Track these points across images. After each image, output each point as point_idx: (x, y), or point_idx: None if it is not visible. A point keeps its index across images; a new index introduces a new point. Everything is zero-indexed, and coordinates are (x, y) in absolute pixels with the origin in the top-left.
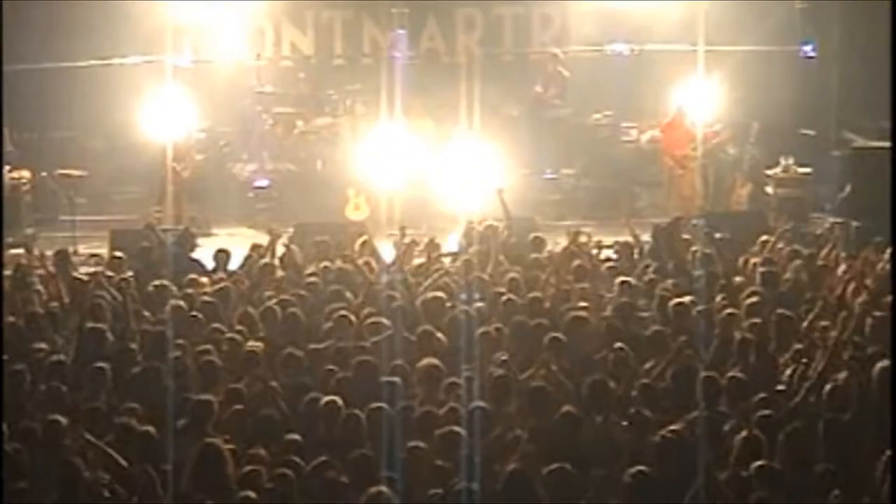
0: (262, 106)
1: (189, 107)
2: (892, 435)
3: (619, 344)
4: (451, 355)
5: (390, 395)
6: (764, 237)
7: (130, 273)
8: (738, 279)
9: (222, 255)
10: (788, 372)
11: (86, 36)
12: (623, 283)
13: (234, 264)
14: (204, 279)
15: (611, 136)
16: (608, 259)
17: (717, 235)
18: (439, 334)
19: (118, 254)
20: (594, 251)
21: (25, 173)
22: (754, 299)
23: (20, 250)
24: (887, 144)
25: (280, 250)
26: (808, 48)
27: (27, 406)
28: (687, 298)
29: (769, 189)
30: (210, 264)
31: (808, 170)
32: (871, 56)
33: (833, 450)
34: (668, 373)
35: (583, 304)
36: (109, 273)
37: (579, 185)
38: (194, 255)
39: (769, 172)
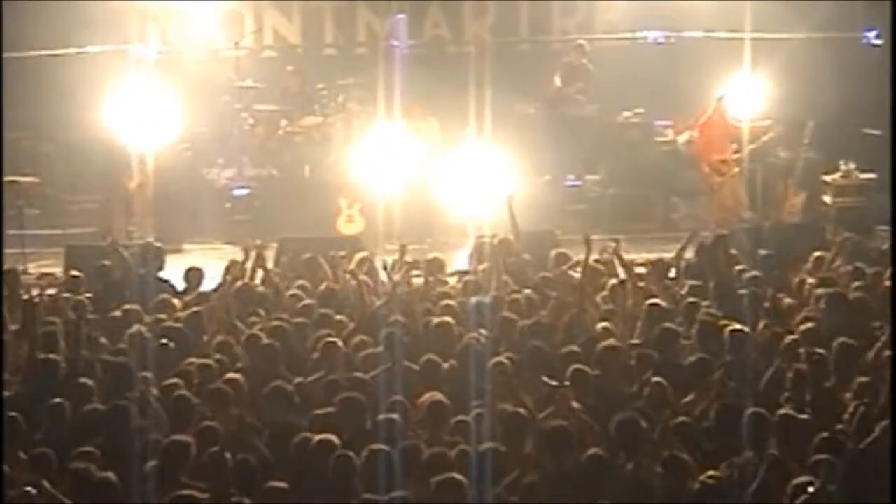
0: (242, 103)
1: (157, 104)
2: (893, 435)
3: (653, 376)
4: (458, 390)
5: (389, 435)
6: (820, 253)
7: (89, 295)
8: (790, 302)
9: (195, 275)
10: (850, 410)
11: (35, 22)
12: (655, 305)
13: (208, 285)
14: (174, 302)
15: (642, 137)
16: (639, 278)
17: (765, 252)
18: (445, 365)
19: (74, 273)
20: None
21: None
22: (810, 325)
23: None
24: None
25: (262, 269)
26: (871, 35)
27: None
28: (732, 324)
29: (826, 198)
30: (181, 285)
31: (871, 175)
32: None
33: None
34: (710, 410)
35: (606, 325)
36: (65, 295)
37: (606, 194)
38: (162, 274)
39: (826, 178)
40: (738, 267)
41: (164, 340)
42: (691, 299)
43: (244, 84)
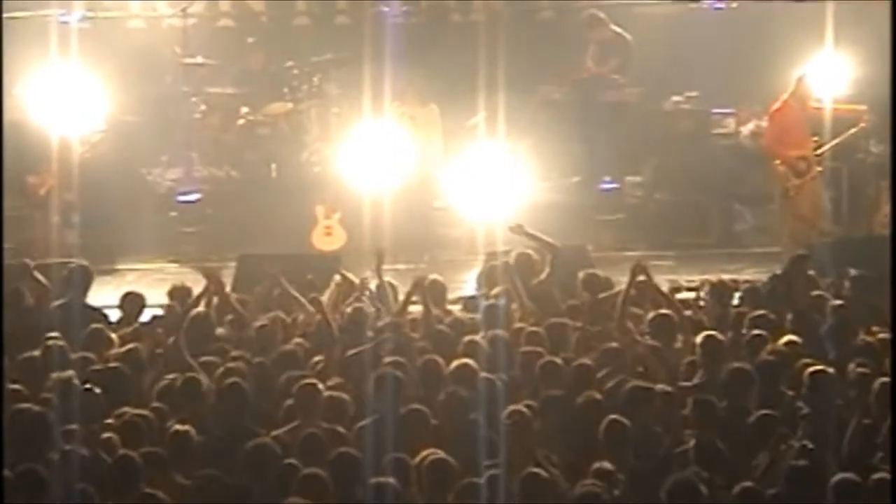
0: (190, 85)
1: (82, 86)
2: (893, 436)
3: (710, 429)
4: (464, 445)
5: (380, 502)
6: None
7: None
8: (884, 336)
9: (133, 302)
10: None
11: None
12: (712, 338)
13: (149, 314)
14: (108, 335)
15: (696, 129)
16: (694, 305)
17: (854, 273)
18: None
19: None
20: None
21: None
22: None
23: None
24: None
25: (217, 294)
26: None
27: None
28: (812, 364)
29: None
30: (115, 314)
31: None
32: None
33: None
34: (781, 473)
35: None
36: None
37: (650, 200)
38: (91, 300)
39: None
40: (819, 292)
41: (91, 386)
42: (757, 332)
43: (193, 61)
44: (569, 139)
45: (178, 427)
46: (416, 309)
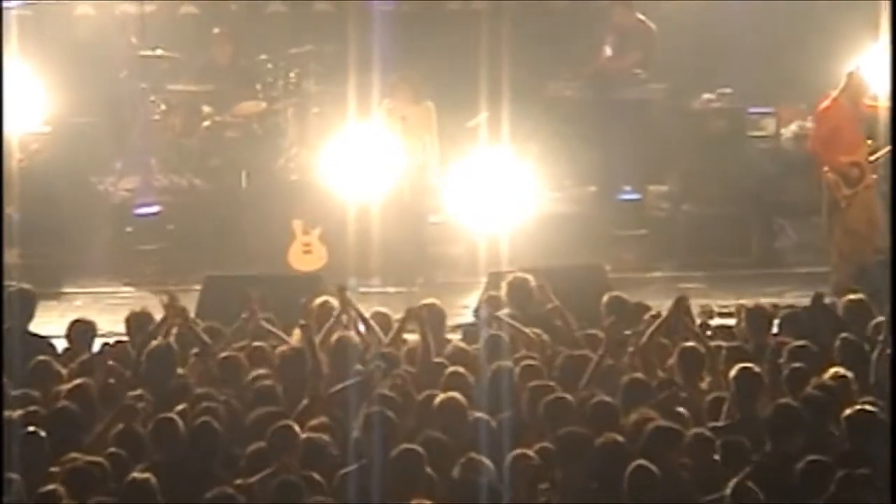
0: (148, 81)
1: (22, 83)
2: (892, 437)
3: (746, 476)
4: (464, 495)
5: None
6: None
7: None
8: None
9: (82, 330)
10: None
11: None
12: (748, 371)
13: (102, 344)
14: (55, 368)
15: (730, 131)
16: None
17: None
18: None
19: None
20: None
21: None
22: None
23: None
24: None
25: (180, 322)
26: None
27: None
28: (861, 404)
29: None
30: (62, 344)
31: None
32: None
33: None
34: None
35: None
36: None
37: (677, 213)
38: (34, 328)
39: None
40: (875, 321)
41: (34, 429)
42: (797, 364)
43: (152, 53)
44: (583, 143)
45: (137, 475)
46: (411, 337)
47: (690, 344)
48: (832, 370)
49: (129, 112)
